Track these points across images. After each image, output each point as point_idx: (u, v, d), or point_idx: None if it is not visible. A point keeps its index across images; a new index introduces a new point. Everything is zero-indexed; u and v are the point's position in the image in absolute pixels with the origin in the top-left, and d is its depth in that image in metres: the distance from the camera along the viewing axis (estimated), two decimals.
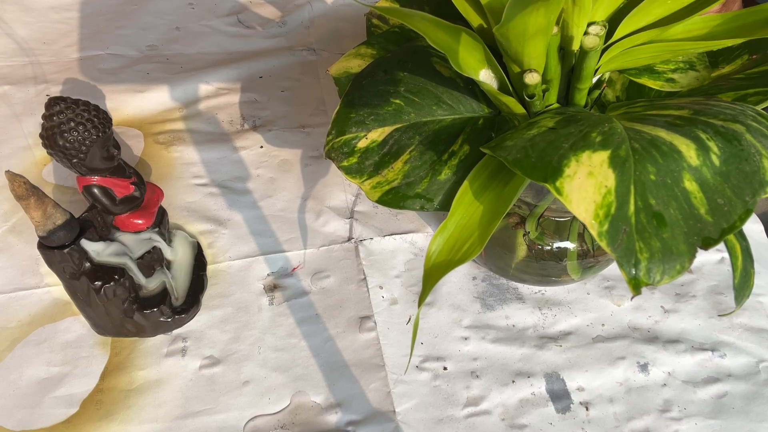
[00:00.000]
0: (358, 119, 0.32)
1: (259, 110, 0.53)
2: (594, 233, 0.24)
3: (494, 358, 0.39)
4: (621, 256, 0.23)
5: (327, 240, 0.44)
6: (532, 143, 0.26)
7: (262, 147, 0.50)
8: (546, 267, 0.39)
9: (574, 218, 0.37)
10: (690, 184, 0.24)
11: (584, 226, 0.30)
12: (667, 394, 0.38)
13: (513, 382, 0.38)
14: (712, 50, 0.31)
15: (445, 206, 0.30)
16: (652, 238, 0.23)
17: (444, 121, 0.32)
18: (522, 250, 0.38)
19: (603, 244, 0.23)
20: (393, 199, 0.31)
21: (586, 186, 0.24)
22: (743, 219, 0.23)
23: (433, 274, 0.27)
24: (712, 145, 0.24)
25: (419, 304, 0.26)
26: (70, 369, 0.38)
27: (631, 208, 0.24)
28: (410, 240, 0.45)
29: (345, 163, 0.32)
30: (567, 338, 0.40)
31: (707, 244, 0.23)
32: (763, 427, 0.37)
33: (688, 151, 0.24)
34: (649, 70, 0.31)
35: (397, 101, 0.32)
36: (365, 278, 0.42)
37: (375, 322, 0.40)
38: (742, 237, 0.28)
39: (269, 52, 0.57)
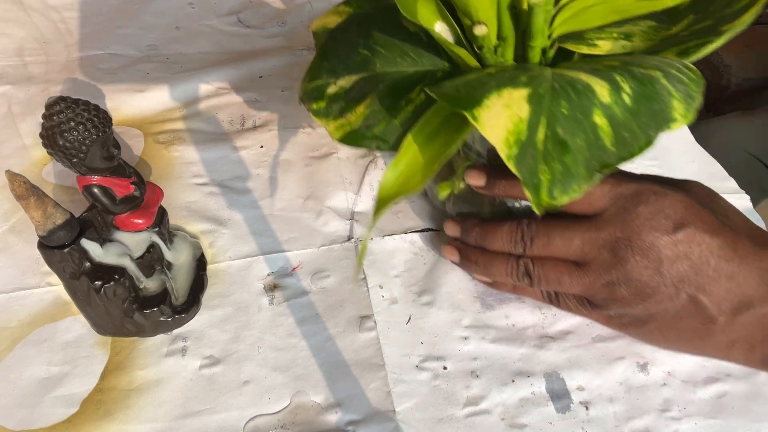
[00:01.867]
0: (330, 68, 0.35)
1: (259, 110, 0.53)
2: (503, 156, 0.26)
3: (494, 357, 0.39)
4: (525, 177, 0.26)
5: (327, 240, 0.44)
6: (466, 83, 0.28)
7: (262, 146, 0.50)
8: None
9: None
10: (599, 119, 0.26)
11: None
12: (666, 394, 0.38)
13: (513, 381, 0.38)
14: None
15: (398, 147, 0.32)
16: (554, 161, 0.26)
17: (406, 72, 0.35)
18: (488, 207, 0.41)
19: (510, 166, 0.26)
20: (353, 138, 0.35)
21: (501, 115, 0.26)
22: (642, 149, 0.26)
23: (384, 202, 0.29)
24: (625, 86, 0.27)
25: (371, 226, 0.29)
26: (70, 369, 0.38)
27: (540, 136, 0.26)
28: (410, 240, 0.45)
29: (314, 106, 0.35)
30: (567, 338, 0.40)
31: (605, 167, 0.26)
32: (763, 427, 0.37)
33: (602, 90, 0.27)
34: (575, 37, 0.34)
35: (365, 52, 0.35)
36: (365, 278, 0.42)
37: (375, 322, 0.40)
38: None
39: (269, 52, 0.57)
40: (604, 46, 0.32)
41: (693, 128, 0.54)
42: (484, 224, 0.39)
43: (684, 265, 0.33)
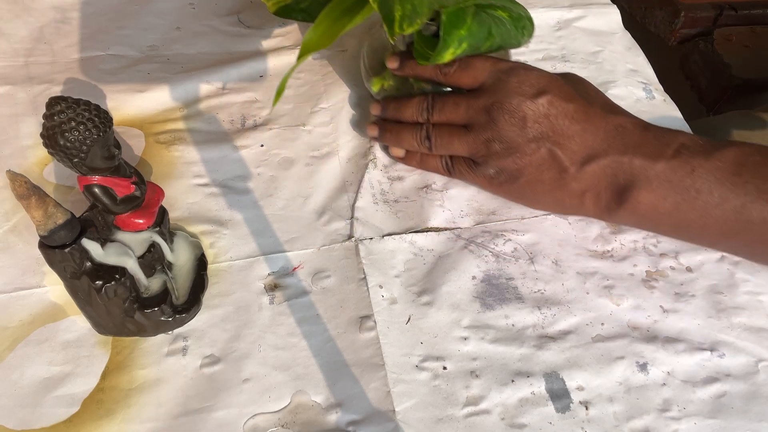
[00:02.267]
0: None
1: (259, 109, 0.53)
2: (371, 1, 0.35)
3: (494, 357, 0.39)
4: (384, 13, 0.35)
5: (327, 239, 0.45)
6: None
7: (262, 146, 0.50)
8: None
9: None
10: None
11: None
12: (666, 394, 0.38)
13: (512, 381, 0.38)
14: None
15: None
16: (407, 3, 0.36)
17: None
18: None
19: (374, 6, 0.35)
20: (284, 11, 0.46)
21: None
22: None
23: (303, 54, 0.36)
24: None
25: (294, 68, 0.35)
26: (71, 368, 0.38)
27: None
28: (410, 240, 0.45)
29: None
30: (566, 338, 0.40)
31: (441, 7, 0.38)
32: (762, 427, 0.37)
33: None
34: None
35: None
36: (365, 277, 0.42)
37: (375, 322, 0.40)
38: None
39: (269, 52, 0.57)
40: None
41: (690, 126, 0.54)
42: (399, 99, 0.47)
43: (543, 125, 0.40)
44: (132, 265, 0.37)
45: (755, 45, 0.88)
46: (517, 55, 0.59)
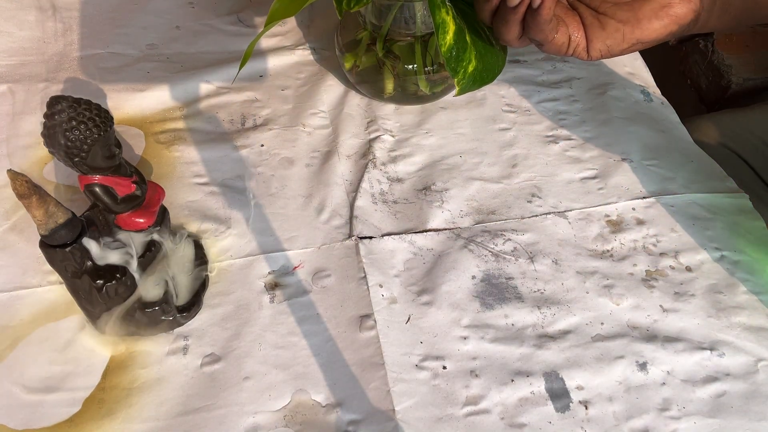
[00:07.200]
0: None
1: (259, 109, 0.53)
2: None
3: (493, 357, 0.39)
4: None
5: (328, 238, 0.45)
6: None
7: (262, 146, 0.50)
8: (405, 85, 0.51)
9: (415, 40, 0.49)
10: None
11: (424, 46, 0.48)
12: (666, 393, 0.38)
13: (512, 381, 0.38)
14: None
15: None
16: None
17: None
18: (390, 84, 0.51)
19: None
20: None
21: None
22: None
23: (269, 22, 0.37)
24: None
25: (261, 35, 0.37)
26: (72, 368, 0.38)
27: None
28: (409, 240, 0.45)
29: None
30: (566, 337, 0.40)
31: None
32: (761, 426, 0.37)
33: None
34: None
35: None
36: (365, 276, 0.43)
37: (375, 321, 0.40)
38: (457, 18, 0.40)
39: (269, 52, 0.57)
40: None
41: (685, 124, 0.54)
42: None
43: None
44: (132, 265, 0.37)
45: (755, 45, 0.88)
46: (517, 55, 0.59)
